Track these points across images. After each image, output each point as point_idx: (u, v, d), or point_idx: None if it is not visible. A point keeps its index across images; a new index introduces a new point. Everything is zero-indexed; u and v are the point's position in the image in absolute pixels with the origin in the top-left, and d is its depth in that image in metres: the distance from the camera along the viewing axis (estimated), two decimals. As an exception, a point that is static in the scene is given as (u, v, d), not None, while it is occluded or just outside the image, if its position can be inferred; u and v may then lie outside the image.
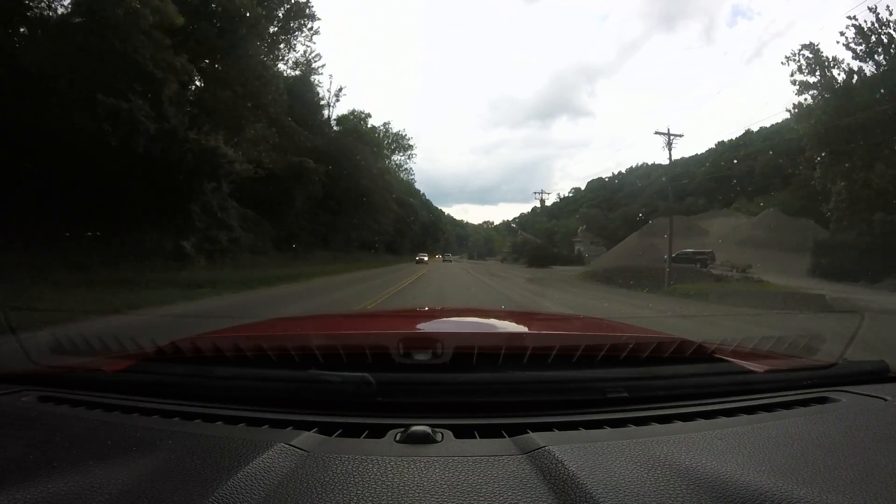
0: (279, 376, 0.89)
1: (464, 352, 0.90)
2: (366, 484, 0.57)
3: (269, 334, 1.31)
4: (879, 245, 17.58)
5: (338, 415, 0.78)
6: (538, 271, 32.44)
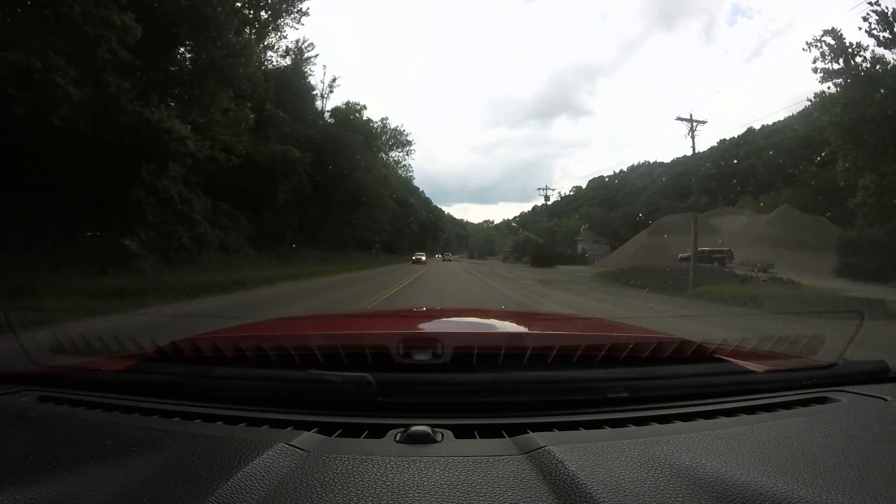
0: (279, 376, 0.89)
1: (464, 352, 0.90)
2: (366, 484, 0.57)
3: (269, 334, 1.31)
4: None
5: (338, 415, 0.78)
6: (545, 271, 30.20)
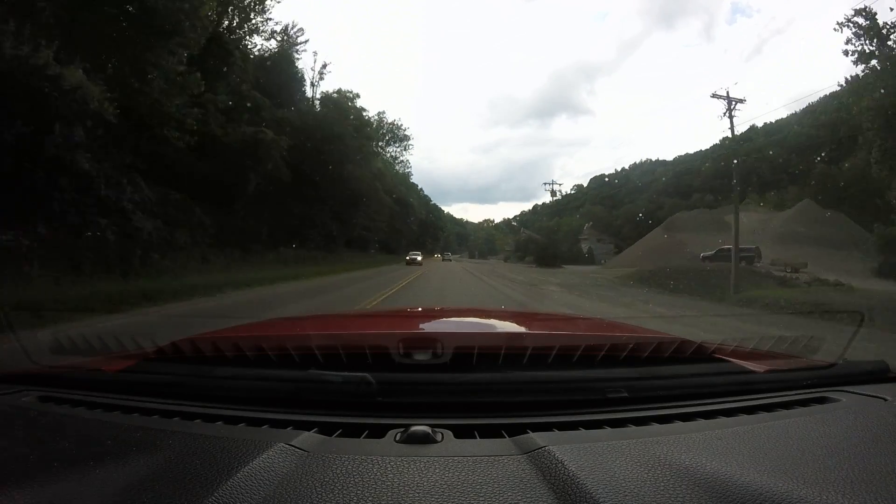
0: (279, 376, 0.89)
1: (464, 352, 0.90)
2: (366, 484, 0.57)
3: (269, 334, 1.31)
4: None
5: (338, 415, 0.78)
6: (555, 272, 27.68)
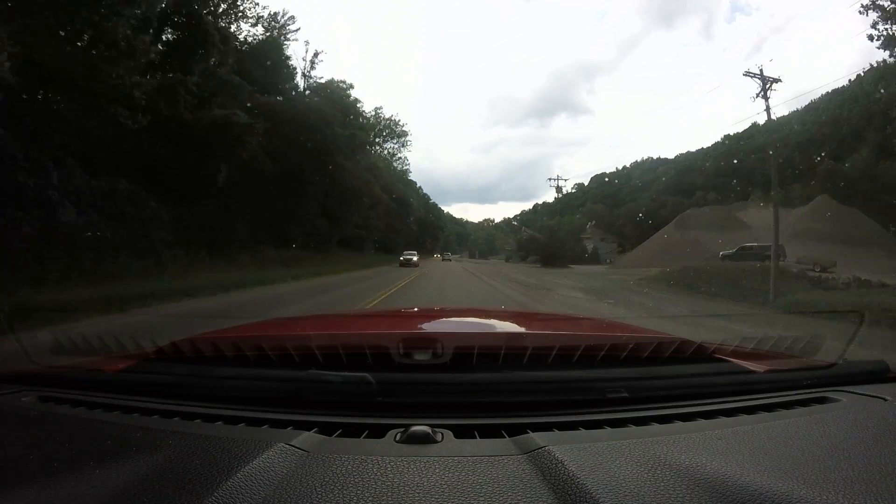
0: (279, 376, 0.89)
1: (464, 352, 0.90)
2: (366, 484, 0.57)
3: (269, 334, 1.31)
4: None
5: (338, 415, 0.78)
6: (564, 273, 24.87)
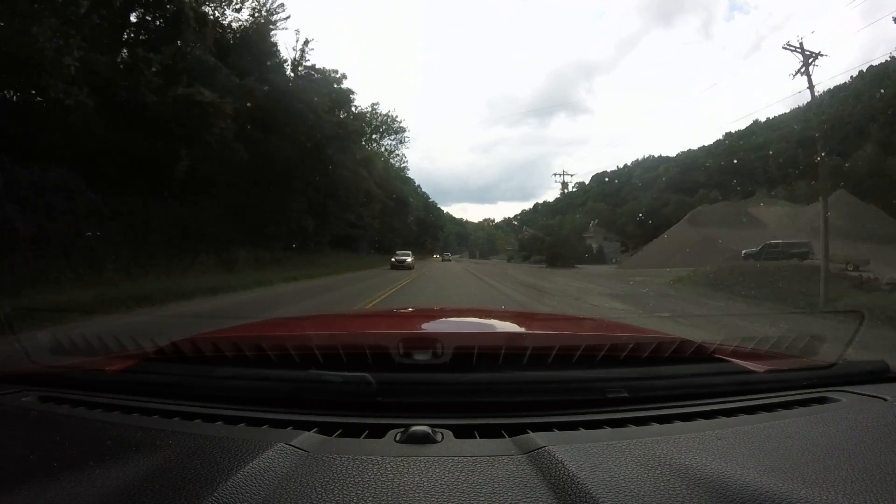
0: (279, 376, 0.88)
1: (464, 352, 0.90)
2: (366, 484, 0.57)
3: (269, 334, 1.31)
4: None
5: (338, 415, 0.78)
6: (574, 274, 23.10)
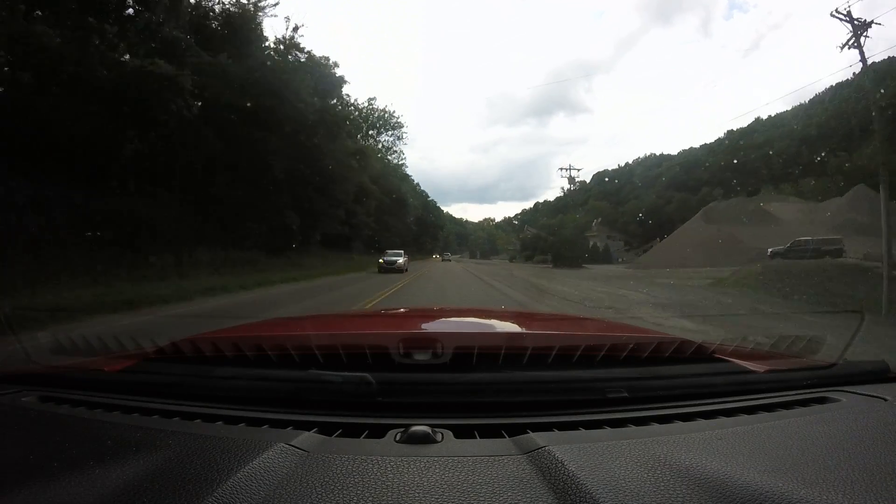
0: (279, 376, 0.88)
1: (464, 352, 0.90)
2: (366, 484, 0.57)
3: (269, 334, 1.31)
4: None
5: (338, 415, 0.78)
6: (593, 276, 20.97)
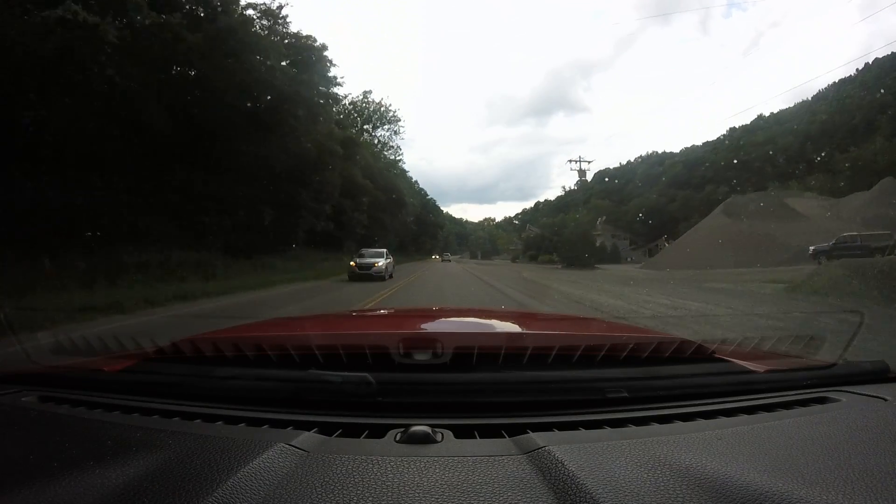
0: (279, 376, 0.88)
1: (464, 352, 0.90)
2: (366, 484, 0.57)
3: (269, 334, 1.31)
4: None
5: (338, 415, 0.78)
6: (614, 278, 18.89)
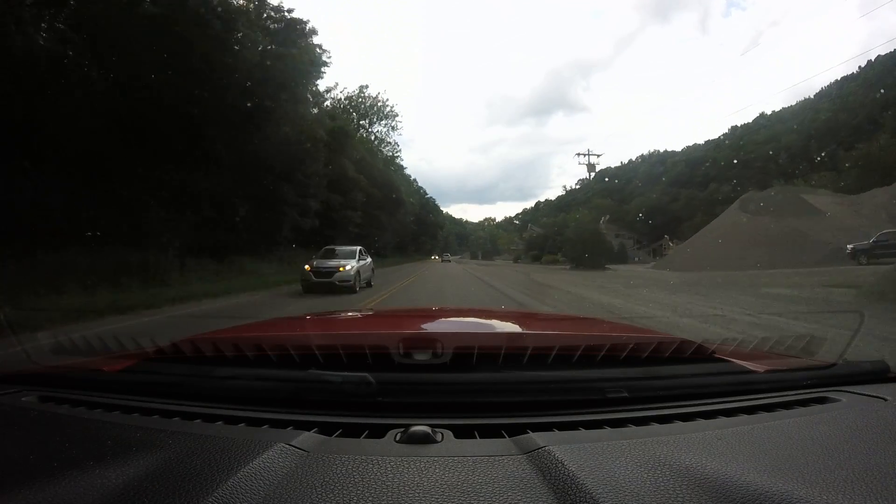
0: (279, 376, 0.89)
1: (464, 352, 0.90)
2: (366, 484, 0.57)
3: (270, 334, 1.31)
4: None
5: (338, 415, 0.78)
6: (636, 281, 16.79)
